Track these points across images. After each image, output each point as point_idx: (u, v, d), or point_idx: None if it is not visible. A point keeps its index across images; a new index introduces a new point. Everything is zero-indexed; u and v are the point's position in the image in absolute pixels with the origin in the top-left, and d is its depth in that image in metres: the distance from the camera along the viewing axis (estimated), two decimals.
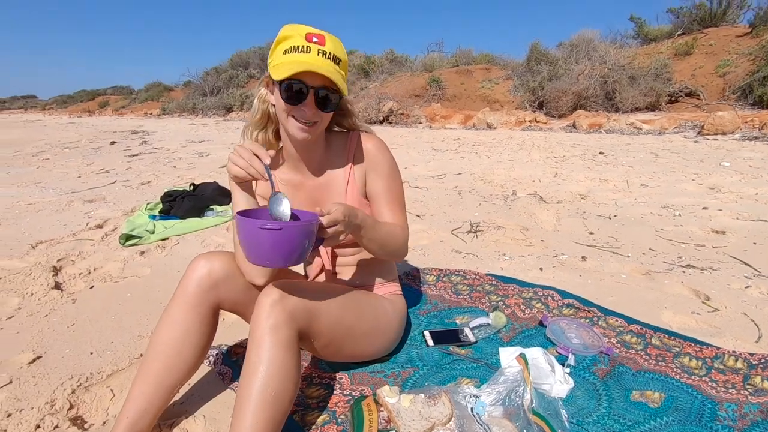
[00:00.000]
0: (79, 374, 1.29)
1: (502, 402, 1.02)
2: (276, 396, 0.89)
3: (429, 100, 12.06)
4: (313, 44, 1.00)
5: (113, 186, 4.02)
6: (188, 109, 18.59)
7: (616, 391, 1.17)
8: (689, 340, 1.37)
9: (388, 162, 1.22)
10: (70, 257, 2.21)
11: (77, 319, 1.63)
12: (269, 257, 0.87)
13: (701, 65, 10.02)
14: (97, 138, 9.04)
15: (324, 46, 1.01)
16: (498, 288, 1.76)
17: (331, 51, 1.02)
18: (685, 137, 6.45)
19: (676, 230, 2.48)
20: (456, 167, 4.63)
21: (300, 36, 1.01)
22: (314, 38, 1.01)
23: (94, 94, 32.61)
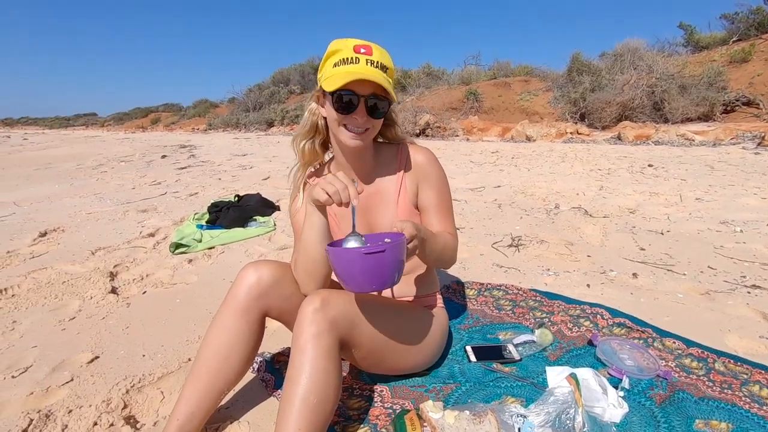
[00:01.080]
0: (133, 375, 1.35)
1: (551, 424, 0.97)
2: (318, 403, 0.89)
3: (466, 113, 12.00)
4: (361, 55, 1.04)
5: (164, 197, 4.24)
6: (232, 124, 19.46)
7: (676, 418, 1.09)
8: (759, 367, 1.26)
9: (438, 173, 1.24)
10: (125, 263, 2.34)
11: (131, 322, 1.71)
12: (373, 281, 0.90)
13: (760, 72, 9.42)
14: (149, 152, 9.61)
15: (371, 55, 1.05)
16: (542, 304, 1.70)
17: (378, 60, 1.05)
18: (743, 149, 6.04)
19: (738, 247, 2.31)
20: (495, 180, 4.56)
21: (348, 48, 1.04)
22: (362, 49, 1.05)
23: (148, 111, 34.88)
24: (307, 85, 21.42)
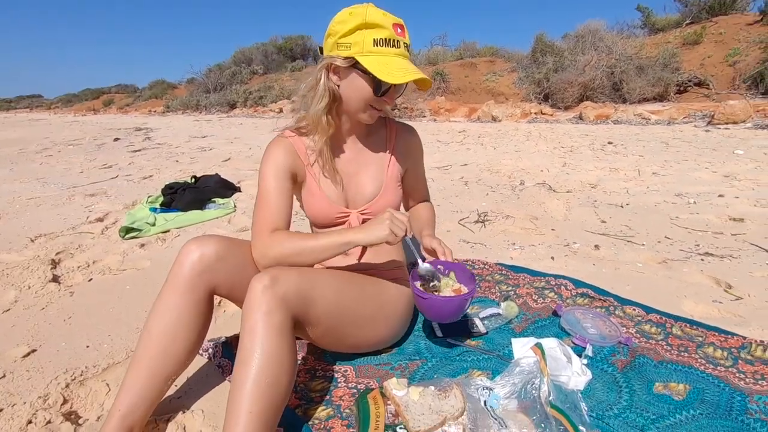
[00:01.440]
0: (74, 368, 1.24)
1: (517, 395, 0.96)
2: (271, 384, 0.83)
3: (433, 94, 11.94)
4: (400, 37, 1.02)
5: (115, 180, 3.98)
6: (192, 106, 18.58)
7: (637, 382, 1.11)
8: (713, 330, 1.29)
9: (421, 145, 1.35)
10: (69, 250, 2.17)
11: (74, 312, 1.58)
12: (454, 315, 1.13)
13: (710, 54, 9.82)
14: (101, 135, 9.03)
15: (405, 38, 1.04)
16: (508, 278, 1.69)
17: (409, 43, 1.06)
18: (695, 127, 6.31)
19: (692, 218, 2.39)
20: (462, 158, 4.55)
21: (389, 27, 1.01)
22: (398, 29, 1.03)
23: (99, 92, 32.73)
24: (270, 65, 20.64)
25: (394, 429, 0.85)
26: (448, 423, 0.86)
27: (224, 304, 1.58)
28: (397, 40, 1.02)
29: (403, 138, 1.28)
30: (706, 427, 0.96)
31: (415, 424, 0.85)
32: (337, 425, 0.99)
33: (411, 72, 1.01)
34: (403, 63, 1.03)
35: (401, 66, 1.01)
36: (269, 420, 0.84)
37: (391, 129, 1.27)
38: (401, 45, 1.03)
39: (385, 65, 1.00)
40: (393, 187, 1.24)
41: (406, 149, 1.28)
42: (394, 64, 1.01)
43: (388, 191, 1.22)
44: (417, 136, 1.33)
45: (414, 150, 1.32)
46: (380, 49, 1.00)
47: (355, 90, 1.06)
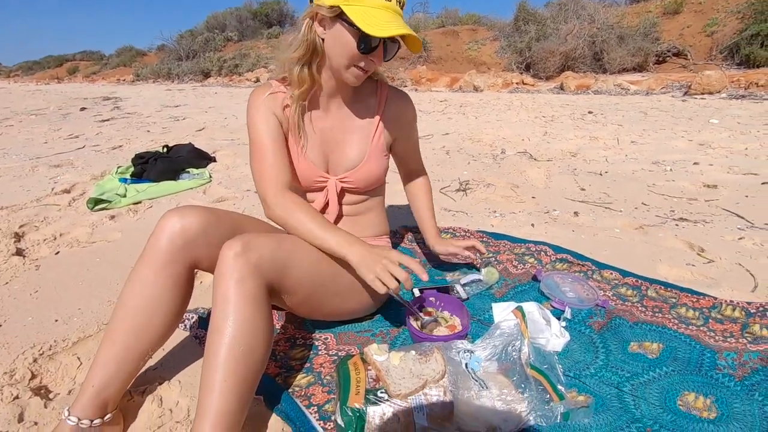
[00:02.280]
0: (42, 342, 1.19)
1: (497, 357, 0.96)
2: (246, 353, 0.81)
3: (414, 63, 11.69)
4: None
5: (82, 151, 3.79)
6: (163, 75, 17.75)
7: (613, 343, 1.13)
8: (686, 291, 1.33)
9: (414, 114, 1.27)
10: (33, 223, 2.07)
11: (41, 286, 1.51)
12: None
13: (689, 24, 9.86)
14: (66, 105, 8.55)
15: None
16: (489, 244, 1.69)
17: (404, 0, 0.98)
18: (672, 97, 6.39)
19: (668, 185, 2.43)
20: (443, 128, 4.50)
21: None
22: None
23: (62, 59, 30.88)
24: (245, 31, 19.74)
25: (375, 393, 0.84)
26: (428, 386, 0.86)
27: (201, 275, 1.54)
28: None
29: (395, 105, 1.20)
30: (677, 383, 0.99)
31: (396, 388, 0.84)
32: (318, 391, 0.98)
33: (398, 27, 0.92)
34: (393, 18, 0.94)
35: (389, 20, 0.92)
36: (245, 389, 0.82)
37: (382, 95, 1.19)
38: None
39: (372, 17, 0.91)
40: (377, 156, 1.18)
41: (396, 118, 1.21)
42: (381, 16, 0.92)
43: (371, 160, 1.17)
44: (410, 103, 1.24)
45: (406, 119, 1.24)
46: (373, 3, 0.92)
47: (339, 44, 0.98)
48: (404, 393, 0.83)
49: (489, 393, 0.87)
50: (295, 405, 0.94)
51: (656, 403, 0.93)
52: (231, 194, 2.49)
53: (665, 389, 0.97)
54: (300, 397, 0.97)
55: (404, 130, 1.25)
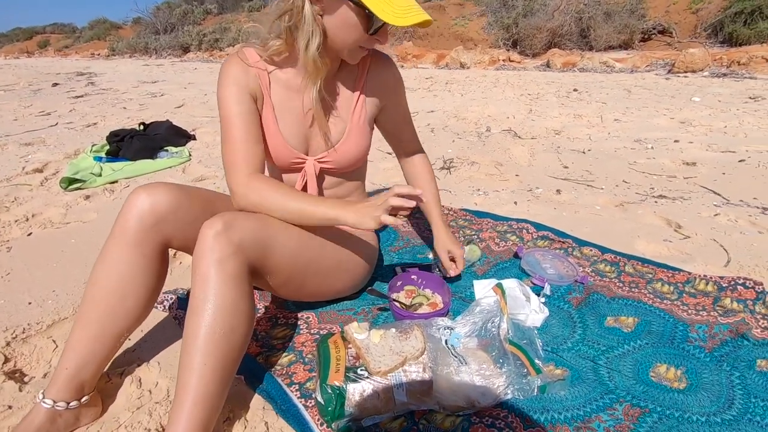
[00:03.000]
0: (15, 326, 1.17)
1: (477, 333, 0.97)
2: (226, 334, 0.79)
3: (400, 39, 11.45)
4: None
5: (54, 129, 3.65)
6: (140, 49, 17.05)
7: (590, 318, 1.15)
8: (661, 267, 1.35)
9: (401, 81, 1.17)
10: (3, 203, 1.99)
11: (12, 268, 1.47)
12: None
13: (675, 1, 9.82)
14: (37, 80, 8.17)
15: None
16: (472, 223, 1.69)
17: None
18: (656, 75, 6.41)
19: (649, 163, 2.46)
20: (429, 105, 4.45)
21: None
22: None
23: (32, 32, 29.37)
24: (225, 3, 19.02)
25: (355, 371, 0.85)
26: (408, 363, 0.87)
27: (180, 256, 1.52)
28: None
29: (376, 73, 1.10)
30: (651, 356, 1.01)
31: (375, 365, 0.85)
32: (299, 370, 0.98)
33: (415, 11, 0.85)
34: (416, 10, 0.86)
35: (412, 9, 0.85)
36: (225, 371, 0.81)
37: (363, 61, 1.09)
38: None
39: (389, 3, 0.84)
40: (359, 133, 1.11)
41: (379, 86, 1.11)
42: (407, 9, 0.85)
43: (351, 138, 1.10)
44: (394, 68, 1.14)
45: (390, 86, 1.14)
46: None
47: (344, 27, 0.90)
48: (384, 370, 0.84)
49: (468, 368, 0.89)
50: (276, 383, 0.94)
51: (629, 375, 0.96)
52: (211, 173, 2.44)
53: (638, 362, 1.00)
54: (281, 375, 0.97)
55: (390, 100, 1.16)
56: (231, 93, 1.00)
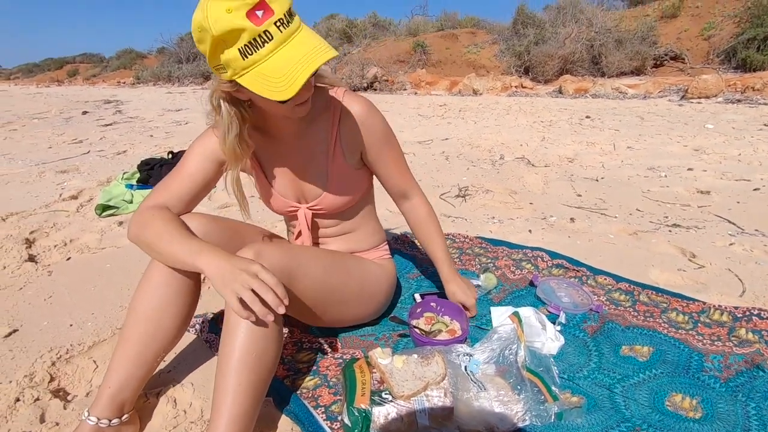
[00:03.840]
0: (59, 346, 1.25)
1: (495, 360, 1.01)
2: (258, 358, 0.86)
3: (414, 66, 11.77)
4: (265, 23, 0.77)
5: (87, 156, 3.85)
6: (163, 78, 17.81)
7: (605, 346, 1.18)
8: (676, 296, 1.38)
9: (382, 125, 1.11)
10: (43, 229, 2.12)
11: (54, 291, 1.57)
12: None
13: (687, 28, 9.94)
14: (67, 108, 8.61)
15: (274, 13, 0.77)
16: (487, 250, 1.74)
17: (283, 12, 0.79)
18: (669, 101, 6.46)
19: (662, 191, 2.49)
20: (443, 133, 4.56)
21: (244, 24, 0.75)
22: (257, 13, 0.76)
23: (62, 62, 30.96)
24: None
25: (379, 394, 0.90)
26: (430, 387, 0.91)
27: (208, 280, 1.59)
28: (266, 31, 0.77)
29: (347, 124, 1.06)
30: (666, 385, 1.04)
31: (399, 389, 0.90)
32: (325, 393, 1.03)
33: (299, 73, 0.79)
34: (291, 54, 0.80)
35: (289, 61, 0.79)
36: (257, 392, 0.87)
37: (335, 111, 1.06)
38: (275, 33, 0.78)
39: (268, 77, 0.80)
40: (341, 179, 1.11)
41: (352, 137, 1.08)
42: (278, 67, 0.79)
43: (333, 185, 1.11)
44: (368, 116, 1.08)
45: (364, 136, 1.08)
46: (254, 59, 0.79)
47: (264, 103, 0.90)
48: (407, 394, 0.89)
49: (487, 394, 0.93)
50: (304, 406, 0.99)
51: (645, 403, 0.99)
52: (235, 200, 2.54)
53: (654, 390, 1.02)
54: (308, 398, 1.02)
55: (369, 148, 1.10)
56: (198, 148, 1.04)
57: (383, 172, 1.17)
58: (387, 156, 1.15)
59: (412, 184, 1.24)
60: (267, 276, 0.83)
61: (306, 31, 0.84)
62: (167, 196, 1.02)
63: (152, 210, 0.98)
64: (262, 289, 0.81)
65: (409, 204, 1.26)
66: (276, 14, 0.78)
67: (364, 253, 1.28)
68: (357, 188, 1.16)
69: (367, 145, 1.10)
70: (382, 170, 1.17)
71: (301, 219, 1.17)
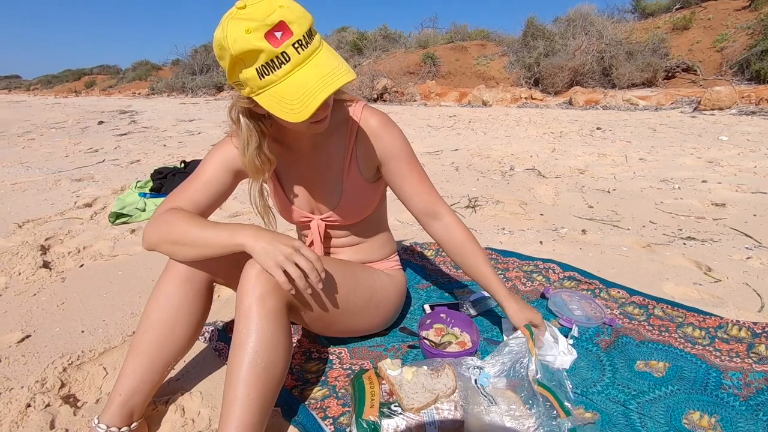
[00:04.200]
0: (70, 352, 1.25)
1: (506, 373, 1.00)
2: (267, 368, 0.85)
3: (423, 78, 11.86)
4: (284, 44, 0.77)
5: (102, 165, 3.92)
6: (177, 89, 18.18)
7: (619, 361, 1.16)
8: (692, 311, 1.35)
9: (399, 140, 1.08)
10: (58, 236, 2.15)
11: (67, 297, 1.58)
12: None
13: (699, 40, 9.90)
14: (84, 118, 8.81)
15: (293, 35, 0.78)
16: (498, 262, 1.73)
17: (302, 33, 0.79)
18: (682, 113, 6.40)
19: (676, 203, 2.45)
20: (452, 143, 4.57)
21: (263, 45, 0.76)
22: (276, 33, 0.77)
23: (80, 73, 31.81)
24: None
25: (388, 406, 0.89)
26: (440, 400, 0.90)
27: (218, 289, 1.60)
28: (283, 53, 0.78)
29: (364, 138, 1.06)
30: (683, 402, 1.01)
31: (408, 401, 0.88)
32: (333, 404, 1.02)
33: (320, 90, 0.79)
34: (308, 76, 0.80)
35: (305, 84, 0.79)
36: (266, 402, 0.86)
37: (353, 125, 1.06)
38: (292, 54, 0.78)
39: (283, 98, 0.80)
40: (355, 192, 1.11)
41: (368, 151, 1.07)
42: (294, 89, 0.80)
43: (348, 198, 1.12)
44: (386, 131, 1.06)
45: (381, 150, 1.07)
46: (270, 79, 0.79)
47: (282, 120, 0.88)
48: (417, 407, 0.87)
49: (498, 408, 0.91)
50: (312, 417, 0.98)
51: (662, 421, 0.96)
52: (246, 209, 2.57)
53: (671, 407, 1.00)
54: (316, 409, 1.01)
55: (386, 157, 1.08)
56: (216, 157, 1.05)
57: (406, 189, 1.11)
58: (407, 171, 1.10)
59: (440, 201, 1.14)
60: (308, 252, 0.87)
61: (325, 51, 0.84)
62: (183, 203, 1.01)
63: (171, 210, 0.98)
64: (307, 266, 0.85)
65: (441, 225, 1.14)
66: (295, 35, 0.78)
67: (374, 263, 1.28)
68: (371, 201, 1.16)
69: (384, 159, 1.08)
70: (405, 187, 1.11)
71: (314, 229, 1.18)
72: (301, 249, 0.87)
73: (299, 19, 0.79)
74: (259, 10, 0.77)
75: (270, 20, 0.76)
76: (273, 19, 0.76)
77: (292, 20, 0.78)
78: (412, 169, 1.11)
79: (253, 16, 0.77)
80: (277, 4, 0.78)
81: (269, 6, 0.77)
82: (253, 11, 0.77)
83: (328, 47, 0.86)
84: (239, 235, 0.89)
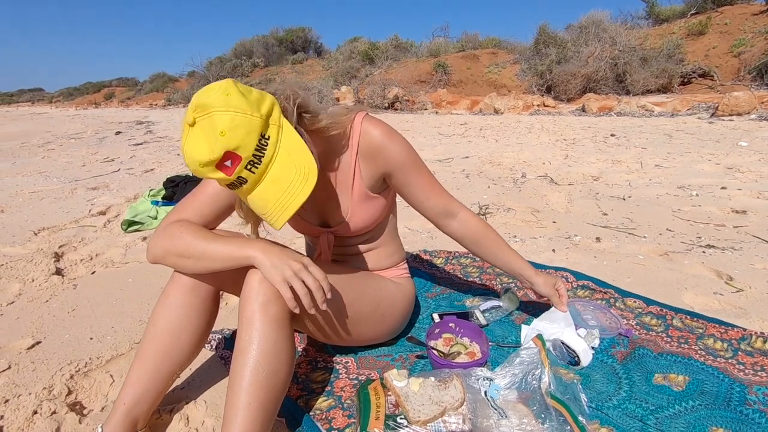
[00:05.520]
0: (78, 360, 1.26)
1: (517, 385, 0.96)
2: (269, 376, 0.84)
3: (435, 86, 11.88)
4: (237, 170, 0.79)
5: (117, 174, 4.00)
6: None
7: (636, 374, 1.11)
8: (713, 321, 1.29)
9: (403, 148, 1.07)
10: (72, 243, 2.18)
11: (78, 304, 1.59)
12: None
13: (715, 45, 9.72)
14: (102, 129, 9.03)
15: (242, 159, 0.78)
16: None
17: (251, 152, 0.79)
18: (699, 119, 6.27)
19: (694, 210, 2.38)
20: (463, 151, 4.54)
21: (215, 176, 0.80)
22: (226, 163, 0.78)
23: (100, 86, 32.72)
24: (271, 57, 20.56)
25: (394, 419, 0.86)
26: (448, 413, 0.87)
27: (226, 297, 1.60)
28: (239, 177, 0.80)
29: (367, 151, 1.05)
30: (705, 418, 0.96)
31: (415, 414, 0.86)
32: (338, 415, 1.00)
33: (279, 212, 0.82)
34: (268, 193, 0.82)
35: (266, 203, 0.83)
36: (268, 411, 0.85)
37: (354, 141, 1.05)
38: (246, 173, 0.80)
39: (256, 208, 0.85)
40: (362, 205, 1.11)
41: (372, 163, 1.07)
42: (260, 204, 0.84)
43: (356, 212, 1.11)
44: (389, 141, 1.05)
45: (386, 161, 1.06)
46: (239, 192, 0.85)
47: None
48: (423, 419, 0.85)
49: (508, 422, 0.88)
50: (316, 428, 0.96)
51: None
52: None
53: (692, 424, 0.95)
54: (321, 420, 0.99)
55: (391, 167, 1.08)
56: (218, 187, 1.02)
57: (417, 195, 1.12)
58: (415, 177, 1.11)
59: (452, 199, 1.17)
60: (316, 270, 0.87)
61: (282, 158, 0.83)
62: (189, 214, 1.00)
63: (177, 223, 0.97)
64: (314, 284, 0.86)
65: (457, 221, 1.17)
66: (244, 159, 0.79)
67: (382, 271, 1.26)
68: (379, 212, 1.15)
69: (390, 170, 1.08)
70: (415, 193, 1.12)
71: (322, 242, 1.17)
72: (309, 267, 0.87)
73: (243, 139, 0.78)
74: (203, 140, 0.77)
75: (215, 155, 0.77)
76: (218, 154, 0.77)
77: (238, 145, 0.77)
78: (419, 174, 1.11)
79: (199, 145, 0.77)
80: (218, 130, 0.76)
81: (211, 133, 0.76)
82: (200, 136, 0.77)
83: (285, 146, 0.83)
84: (248, 248, 0.88)
